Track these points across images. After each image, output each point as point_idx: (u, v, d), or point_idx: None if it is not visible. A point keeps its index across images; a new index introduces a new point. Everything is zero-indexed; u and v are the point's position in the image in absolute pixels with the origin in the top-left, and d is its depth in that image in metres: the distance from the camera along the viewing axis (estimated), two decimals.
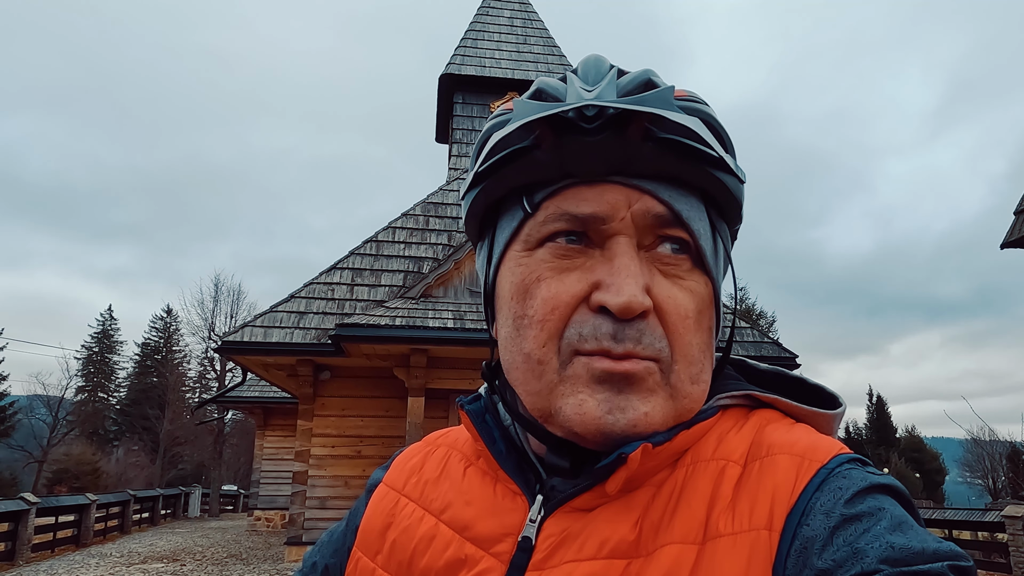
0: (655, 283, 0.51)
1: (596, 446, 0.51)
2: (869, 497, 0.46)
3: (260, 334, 9.71)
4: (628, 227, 0.51)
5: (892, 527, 0.43)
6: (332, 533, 0.69)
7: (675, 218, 0.52)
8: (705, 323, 0.54)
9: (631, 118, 0.49)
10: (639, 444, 0.49)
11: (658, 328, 0.51)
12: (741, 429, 0.54)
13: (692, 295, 0.52)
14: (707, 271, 0.54)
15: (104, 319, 46.45)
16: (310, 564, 0.68)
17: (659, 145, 0.50)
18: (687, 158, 0.51)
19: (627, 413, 0.49)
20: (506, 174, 0.54)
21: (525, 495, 0.56)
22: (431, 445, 0.68)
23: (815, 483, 0.47)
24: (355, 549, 0.64)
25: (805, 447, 0.50)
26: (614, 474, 0.50)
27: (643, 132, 0.49)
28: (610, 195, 0.51)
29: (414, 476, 0.65)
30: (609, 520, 0.51)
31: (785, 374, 0.61)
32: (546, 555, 0.51)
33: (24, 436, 34.23)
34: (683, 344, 0.51)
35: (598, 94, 0.51)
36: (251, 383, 17.32)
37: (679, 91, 0.54)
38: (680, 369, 0.51)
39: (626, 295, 0.49)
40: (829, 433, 0.56)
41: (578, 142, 0.50)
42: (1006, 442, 30.02)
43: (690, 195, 0.53)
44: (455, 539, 0.56)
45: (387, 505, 0.64)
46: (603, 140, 0.50)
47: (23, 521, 11.29)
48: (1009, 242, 7.15)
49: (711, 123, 0.53)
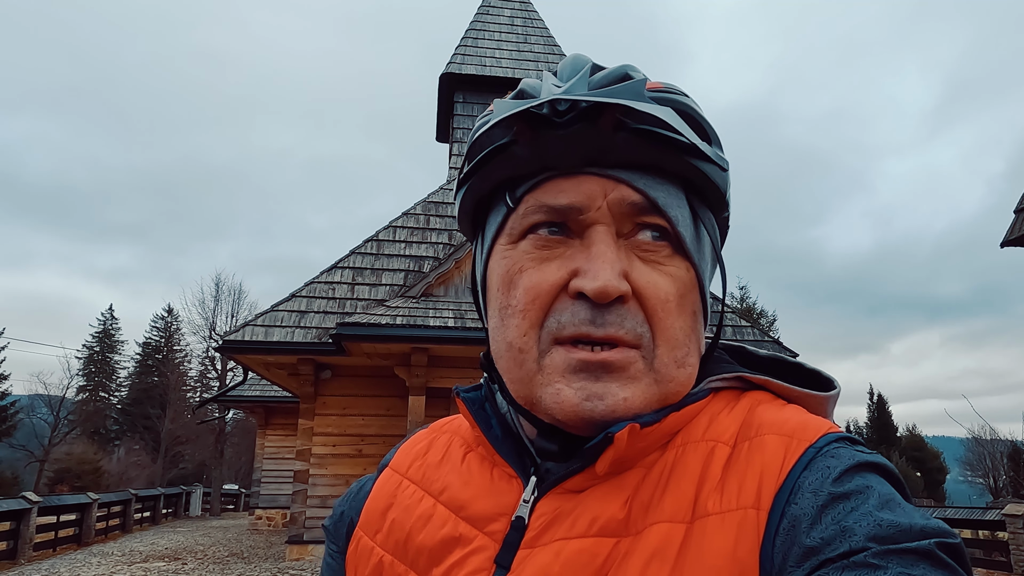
0: (634, 269, 0.53)
1: (580, 432, 0.53)
2: (857, 476, 0.46)
3: (261, 333, 9.72)
4: (605, 216, 0.53)
5: (880, 505, 0.44)
6: (363, 486, 0.70)
7: (652, 205, 0.53)
8: (688, 307, 0.54)
9: (603, 110, 0.51)
10: (626, 424, 0.50)
11: (639, 313, 0.52)
12: (732, 410, 0.55)
13: (673, 280, 0.53)
14: (688, 257, 0.55)
15: (105, 318, 46.49)
16: (339, 512, 0.69)
17: (632, 135, 0.51)
18: (662, 146, 0.52)
19: (606, 400, 0.51)
20: (489, 171, 0.56)
21: (520, 478, 0.57)
22: (436, 432, 0.70)
23: (803, 462, 0.48)
24: (358, 529, 0.65)
25: (794, 426, 0.51)
26: (603, 454, 0.51)
27: (615, 123, 0.51)
28: (586, 185, 0.53)
29: (418, 460, 0.66)
30: (600, 499, 0.52)
31: (783, 359, 0.62)
32: (537, 533, 0.53)
33: (25, 435, 34.24)
34: (664, 328, 0.52)
35: (568, 88, 0.52)
36: (252, 382, 17.33)
37: (654, 83, 0.55)
38: (663, 353, 0.52)
39: (601, 280, 0.50)
40: (823, 415, 0.57)
41: (552, 135, 0.52)
42: (1007, 441, 29.99)
43: (668, 183, 0.54)
44: (451, 518, 0.58)
45: (390, 487, 0.66)
46: (576, 132, 0.51)
47: (25, 520, 11.30)
48: (1009, 240, 7.14)
49: (687, 112, 0.54)
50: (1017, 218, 7.14)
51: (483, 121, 0.57)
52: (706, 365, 0.59)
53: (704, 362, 0.59)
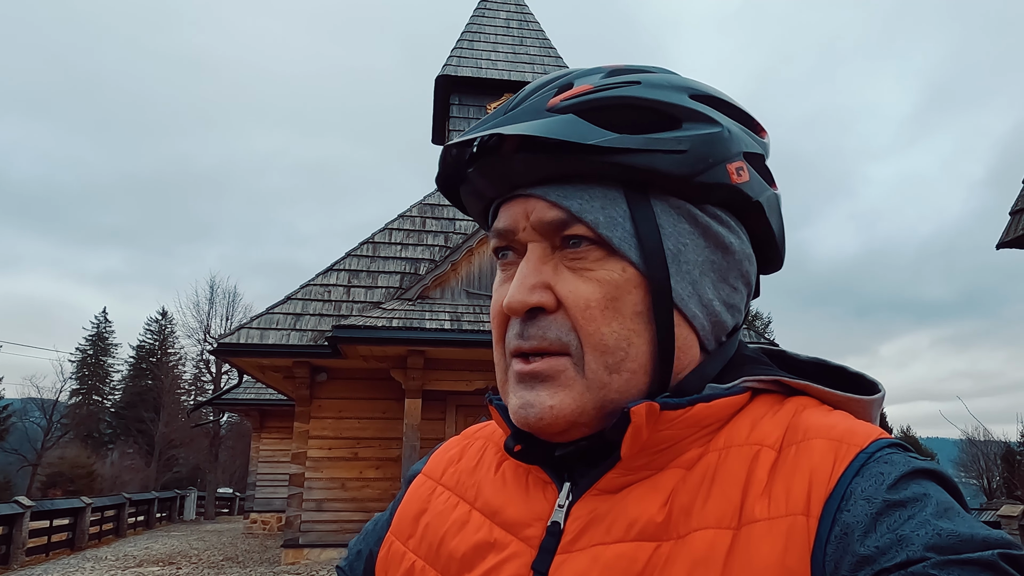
0: (559, 280, 0.54)
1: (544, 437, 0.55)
2: (913, 483, 0.45)
3: (256, 336, 9.68)
4: (532, 234, 0.55)
5: (938, 513, 0.42)
6: (376, 522, 0.70)
7: (568, 215, 0.54)
8: (626, 309, 0.53)
9: (505, 138, 0.55)
10: (642, 401, 0.50)
11: (566, 322, 0.53)
12: (776, 415, 0.53)
13: (599, 284, 0.53)
14: (624, 257, 0.53)
15: (99, 321, 46.33)
16: (355, 552, 0.70)
17: (529, 154, 0.54)
18: (562, 155, 0.53)
19: (535, 407, 0.52)
20: (470, 209, 0.63)
21: (555, 482, 0.56)
22: (469, 438, 0.70)
23: (854, 468, 0.46)
24: (389, 534, 0.65)
25: (843, 431, 0.49)
26: (625, 434, 0.50)
27: (517, 146, 0.54)
28: (513, 208, 0.56)
29: (451, 467, 0.66)
30: (636, 501, 0.51)
31: (825, 363, 0.60)
32: (574, 537, 0.52)
33: (18, 439, 34.11)
34: (588, 334, 0.52)
35: (480, 124, 0.56)
36: (247, 385, 17.27)
37: (572, 91, 0.54)
38: (591, 359, 0.52)
39: (508, 297, 0.54)
40: (867, 420, 0.55)
41: (473, 171, 0.57)
42: (1000, 442, 30.16)
43: (595, 186, 0.54)
44: (485, 524, 0.57)
45: (423, 493, 0.66)
46: (486, 164, 0.56)
47: (17, 525, 11.22)
48: (1005, 242, 7.16)
49: (613, 106, 0.53)
50: (1013, 219, 7.16)
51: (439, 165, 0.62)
52: (742, 366, 0.57)
53: (737, 363, 0.58)
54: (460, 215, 11.40)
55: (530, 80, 10.51)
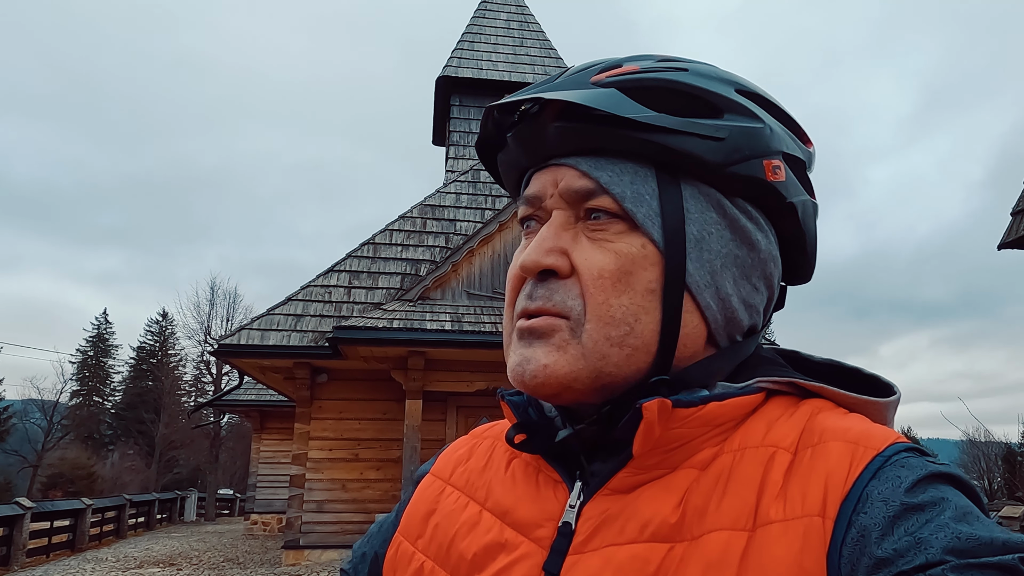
0: (577, 247, 0.54)
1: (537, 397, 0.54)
2: (931, 487, 0.44)
3: (257, 337, 9.67)
4: (559, 202, 0.56)
5: (957, 517, 0.42)
6: (381, 524, 0.70)
7: (597, 186, 0.54)
8: (638, 285, 0.52)
9: (545, 106, 0.55)
10: (654, 397, 0.49)
11: (574, 288, 0.53)
12: (791, 417, 0.52)
13: (616, 256, 0.53)
14: (646, 233, 0.53)
15: (99, 323, 46.32)
16: (360, 555, 0.69)
17: (566, 123, 0.54)
18: (600, 128, 0.53)
19: (531, 364, 0.53)
20: (505, 179, 0.64)
21: (566, 482, 0.55)
22: (477, 438, 0.69)
23: (871, 470, 0.46)
24: (397, 535, 0.65)
25: (859, 434, 0.49)
26: (637, 429, 0.50)
27: (556, 115, 0.55)
28: (544, 176, 0.57)
29: (460, 466, 0.66)
30: (649, 501, 0.50)
31: (840, 364, 0.59)
32: (586, 538, 0.51)
33: (19, 440, 34.09)
34: (596, 303, 0.52)
35: (522, 92, 0.56)
36: (247, 386, 17.25)
37: (619, 69, 0.56)
38: (593, 328, 0.52)
39: (523, 257, 0.55)
40: (883, 422, 0.54)
41: (512, 137, 0.58)
42: (1001, 443, 30.13)
43: (625, 161, 0.54)
44: (496, 524, 0.57)
45: (432, 493, 0.65)
46: (523, 130, 0.57)
47: (18, 526, 11.21)
48: (1007, 243, 7.15)
49: (654, 87, 0.54)
50: (1014, 220, 7.15)
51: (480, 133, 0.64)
52: (757, 367, 0.57)
53: (752, 363, 0.57)
54: (461, 216, 11.41)
55: (531, 81, 10.40)
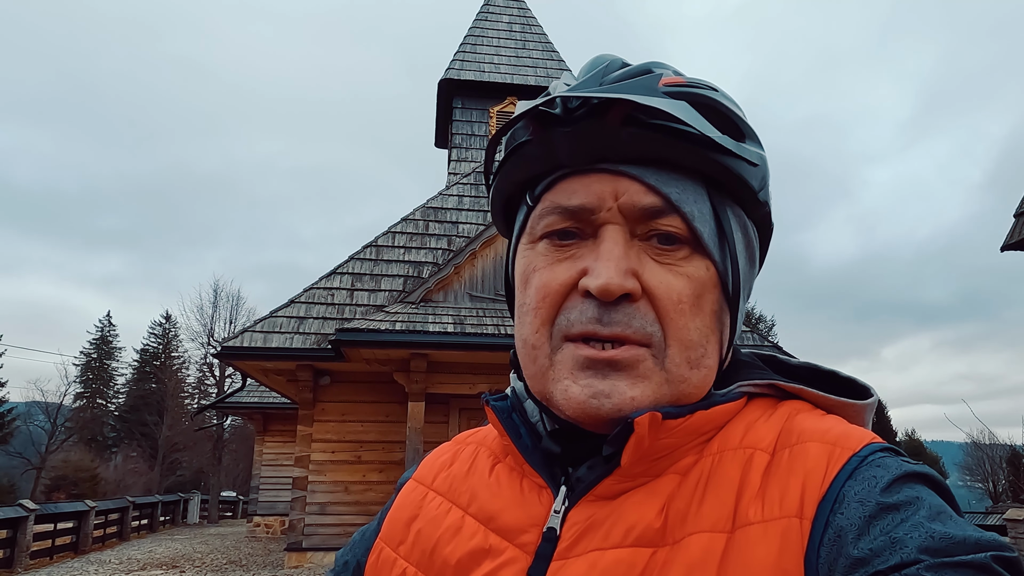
0: (646, 269, 0.52)
1: (594, 429, 0.52)
2: (906, 486, 0.45)
3: (260, 339, 9.68)
4: (616, 216, 0.52)
5: (931, 516, 0.42)
6: (364, 532, 0.69)
7: (666, 204, 0.52)
8: (707, 307, 0.53)
9: (610, 105, 0.51)
10: (646, 411, 0.49)
11: (649, 312, 0.51)
12: (770, 418, 0.53)
13: (689, 280, 0.52)
14: (708, 254, 0.53)
15: (103, 325, 46.39)
16: (342, 563, 0.68)
17: (641, 129, 0.51)
18: (673, 141, 0.51)
19: (612, 398, 0.50)
20: (508, 170, 0.58)
21: (551, 487, 0.56)
22: (461, 444, 0.69)
23: (847, 471, 0.46)
24: (378, 541, 0.64)
25: (837, 435, 0.49)
26: (627, 444, 0.50)
27: (623, 118, 0.51)
28: (597, 185, 0.53)
29: (443, 472, 0.65)
30: (634, 507, 0.51)
31: (818, 368, 0.60)
32: (571, 543, 0.51)
33: (22, 443, 34.13)
34: (676, 328, 0.51)
35: (577, 86, 0.53)
36: (250, 388, 17.27)
37: (674, 78, 0.54)
38: (675, 353, 0.51)
39: (604, 277, 0.50)
40: (860, 424, 0.55)
41: (561, 132, 0.52)
42: (1006, 445, 30.03)
43: (685, 178, 0.53)
44: (480, 530, 0.56)
45: (415, 499, 0.65)
46: (583, 128, 0.52)
47: (22, 528, 11.23)
48: (1010, 244, 7.14)
49: (711, 105, 0.53)
50: (1017, 222, 7.14)
51: (508, 122, 0.58)
52: (737, 370, 0.58)
53: (733, 367, 0.58)
54: (463, 219, 11.42)
55: (533, 84, 10.34)
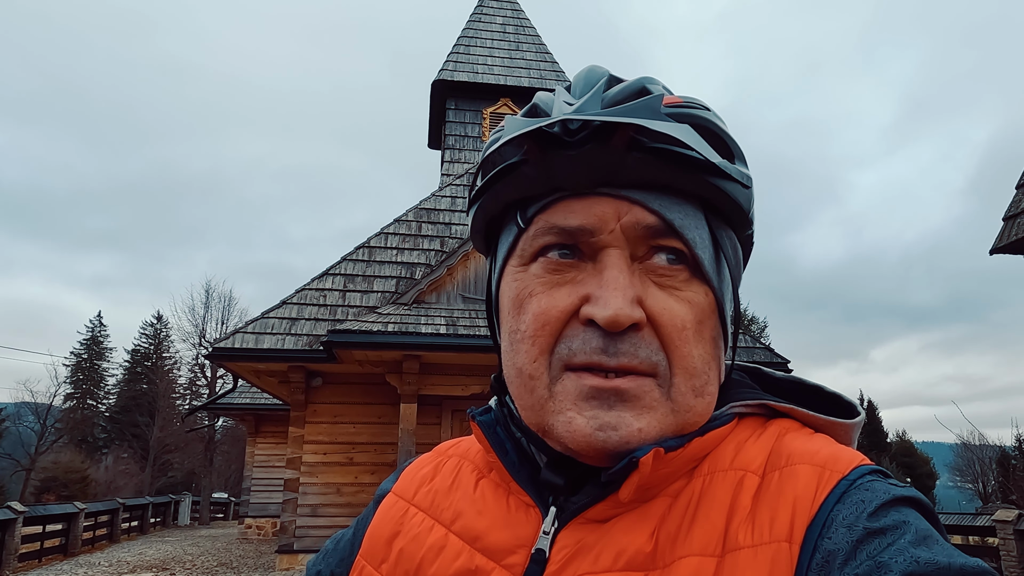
0: (649, 295, 0.51)
1: (593, 462, 0.51)
2: (893, 510, 0.45)
3: (251, 340, 9.64)
4: (618, 239, 0.51)
5: (917, 541, 0.42)
6: (338, 541, 0.68)
7: (668, 227, 0.51)
8: (707, 333, 0.52)
9: (615, 129, 0.49)
10: (651, 448, 0.48)
11: (654, 341, 0.50)
12: (759, 439, 0.53)
13: (690, 306, 0.51)
14: (707, 280, 0.53)
15: (94, 325, 46.12)
16: (314, 572, 0.67)
17: (645, 154, 0.49)
18: (676, 165, 0.50)
19: (619, 430, 0.49)
20: (499, 190, 0.55)
21: (538, 507, 0.55)
22: (442, 456, 0.67)
23: (836, 494, 0.46)
24: (359, 558, 0.63)
25: (826, 457, 0.49)
26: (627, 480, 0.49)
27: (628, 142, 0.49)
28: (598, 207, 0.51)
29: (424, 486, 0.64)
30: (625, 531, 0.50)
31: (802, 382, 0.60)
32: (560, 567, 0.50)
33: (12, 444, 33.90)
34: (681, 356, 0.50)
35: (580, 106, 0.51)
36: (242, 390, 17.22)
37: (673, 98, 0.53)
38: (680, 382, 0.50)
39: (612, 308, 0.48)
40: (847, 443, 0.55)
41: (562, 155, 0.50)
42: (995, 446, 30.22)
43: (685, 203, 0.52)
44: (465, 550, 0.55)
45: (396, 514, 0.63)
46: (587, 152, 0.49)
47: (10, 530, 11.14)
48: (999, 247, 7.18)
49: (708, 128, 0.52)
50: (1006, 225, 7.18)
51: (494, 138, 0.55)
52: (727, 390, 0.57)
53: (724, 387, 0.57)
54: (456, 220, 11.41)
55: (526, 85, 10.32)
